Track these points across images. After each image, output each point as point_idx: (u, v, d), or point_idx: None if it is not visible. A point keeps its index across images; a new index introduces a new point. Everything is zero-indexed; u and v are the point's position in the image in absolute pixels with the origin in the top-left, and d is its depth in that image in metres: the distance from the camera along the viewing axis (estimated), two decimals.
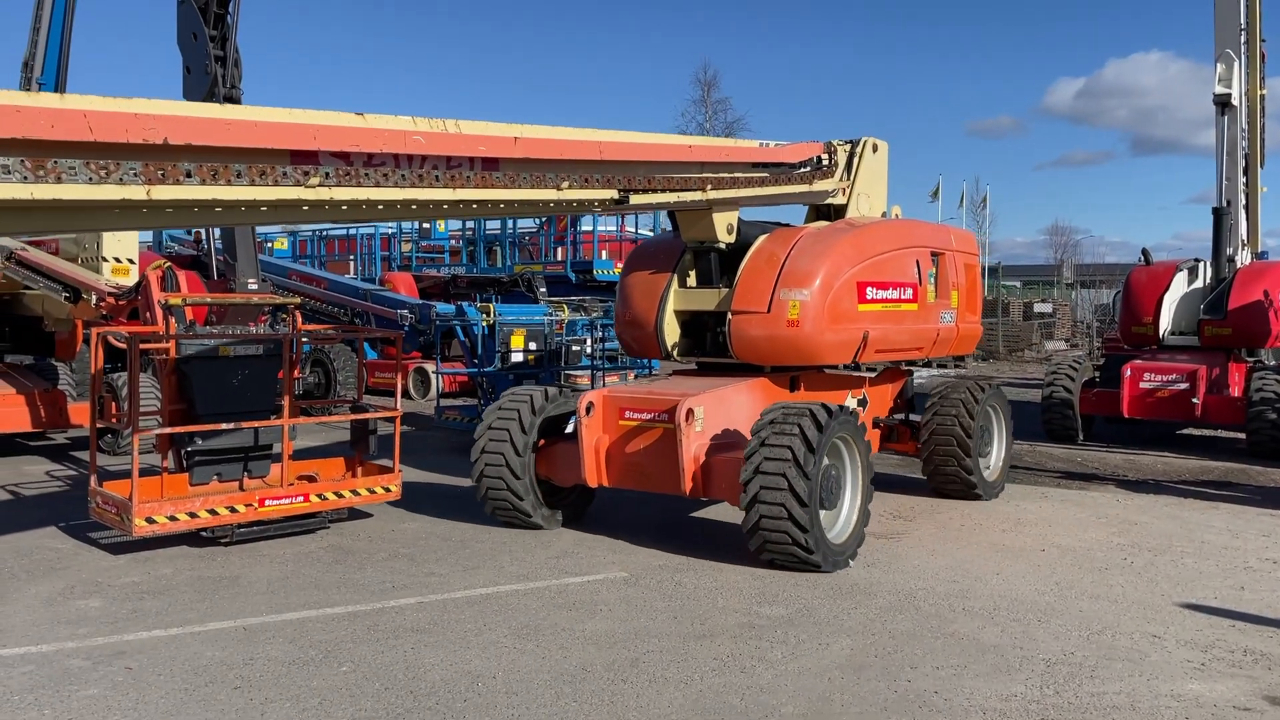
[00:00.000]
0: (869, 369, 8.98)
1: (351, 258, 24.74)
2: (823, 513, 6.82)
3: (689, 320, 8.39)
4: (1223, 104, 13.67)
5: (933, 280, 9.04)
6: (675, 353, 8.40)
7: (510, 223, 22.75)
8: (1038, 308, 37.40)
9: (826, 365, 8.34)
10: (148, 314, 8.31)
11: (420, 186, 5.31)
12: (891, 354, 8.81)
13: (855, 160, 9.12)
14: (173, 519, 6.98)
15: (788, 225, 8.63)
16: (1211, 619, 5.92)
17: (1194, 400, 12.24)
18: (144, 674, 4.90)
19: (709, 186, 7.13)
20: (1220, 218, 13.64)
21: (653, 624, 5.72)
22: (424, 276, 21.67)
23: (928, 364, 10.20)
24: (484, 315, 12.90)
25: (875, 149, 9.30)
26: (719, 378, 8.03)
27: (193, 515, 7.08)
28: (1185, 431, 14.32)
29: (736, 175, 7.49)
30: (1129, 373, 12.65)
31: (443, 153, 5.45)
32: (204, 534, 7.33)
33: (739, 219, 8.16)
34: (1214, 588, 6.59)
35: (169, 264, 9.12)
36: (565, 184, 6.05)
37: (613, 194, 6.44)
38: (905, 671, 5.03)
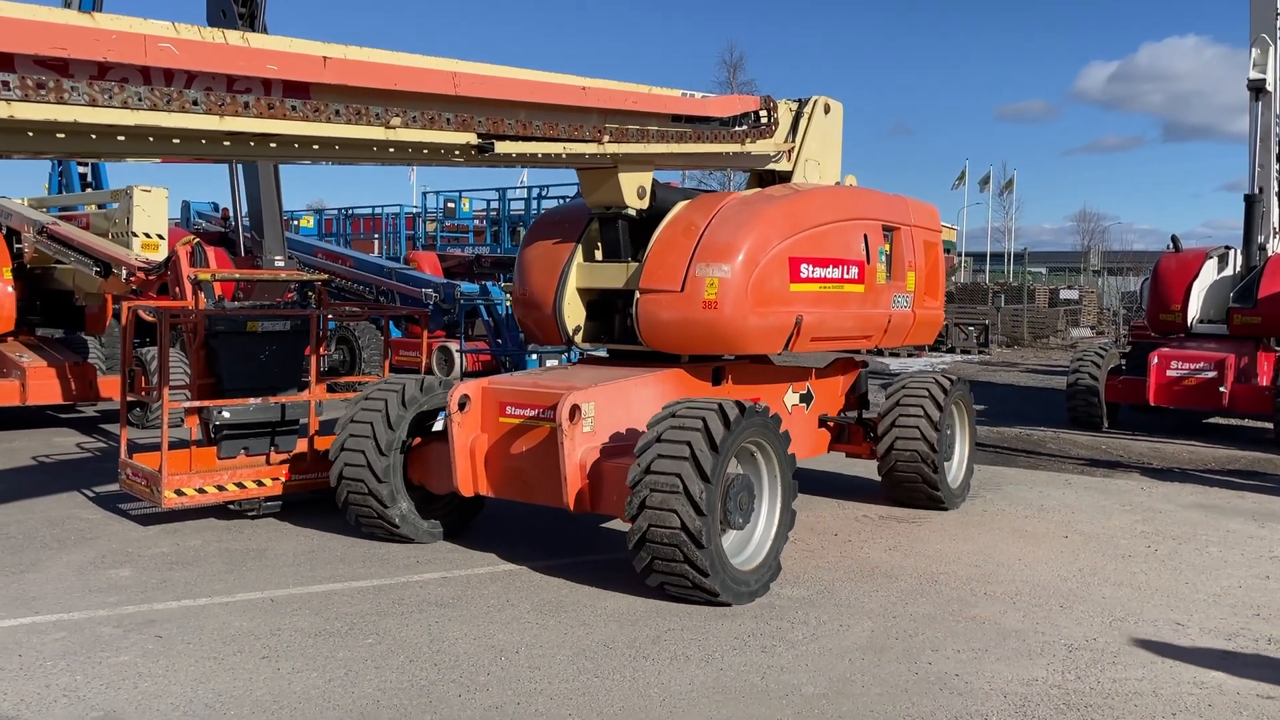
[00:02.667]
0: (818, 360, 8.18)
1: (376, 236, 24.84)
2: (732, 534, 5.86)
3: (596, 300, 7.19)
4: (1257, 90, 13.46)
5: (884, 259, 7.80)
6: (578, 338, 7.17)
7: (536, 202, 22.75)
8: (1064, 294, 37.11)
9: (751, 355, 7.29)
10: (177, 289, 8.38)
11: (165, 110, 4.19)
12: (832, 342, 7.60)
13: (803, 121, 8.04)
14: (201, 491, 7.07)
15: (714, 191, 7.50)
16: (1236, 607, 5.89)
17: (1221, 389, 12.12)
18: (173, 642, 4.98)
19: (605, 138, 6.13)
20: (1252, 205, 13.47)
21: (674, 603, 5.75)
22: (448, 256, 21.76)
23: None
24: (508, 295, 12.93)
25: (828, 110, 8.22)
26: (629, 368, 6.86)
27: (220, 488, 7.17)
28: (1212, 420, 14.19)
29: (649, 129, 6.48)
30: (1156, 360, 12.54)
31: (213, 69, 4.41)
32: (230, 507, 7.42)
33: (655, 182, 7.01)
34: (1239, 576, 6.55)
35: (198, 240, 9.19)
36: (396, 120, 5.04)
37: (470, 138, 5.42)
38: (926, 654, 5.04)
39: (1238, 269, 13.54)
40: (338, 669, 4.69)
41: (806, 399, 8.11)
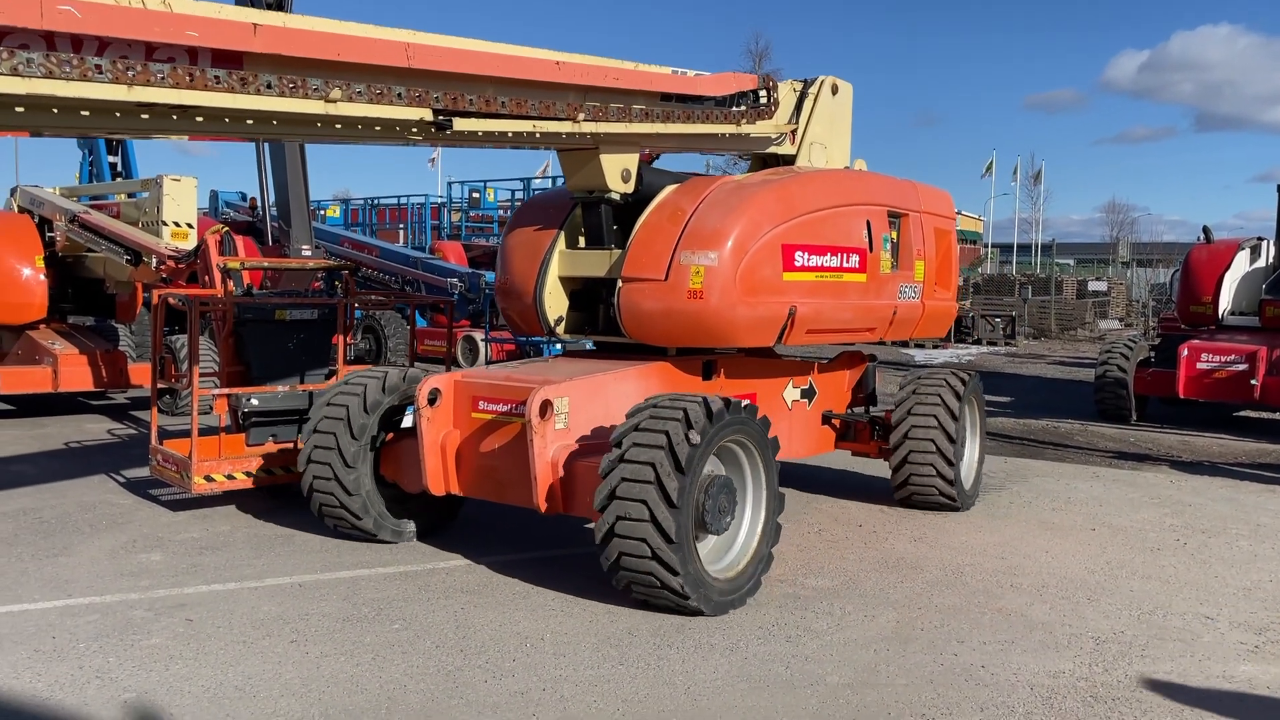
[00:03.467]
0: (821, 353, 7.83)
1: (402, 226, 24.97)
2: (711, 539, 5.51)
3: (580, 290, 6.81)
4: None
5: (889, 247, 7.38)
6: (560, 329, 6.79)
7: None
8: (1092, 286, 36.72)
9: (740, 348, 6.90)
10: (206, 277, 8.47)
11: (64, 78, 3.82)
12: (830, 334, 7.19)
13: (809, 102, 7.63)
14: (230, 477, 7.15)
15: (705, 175, 7.11)
16: (1266, 601, 5.83)
17: (1253, 382, 11.95)
18: (204, 626, 5.05)
19: (581, 116, 5.73)
20: None
21: None
22: (473, 245, 21.84)
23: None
24: None
25: (835, 90, 7.83)
26: (612, 361, 6.53)
27: (249, 474, 7.25)
28: (1243, 414, 14.04)
29: (632, 108, 6.11)
30: (1186, 352, 12.39)
31: (125, 35, 4.05)
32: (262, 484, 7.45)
33: (642, 164, 6.66)
34: (1269, 570, 6.48)
35: (227, 228, 9.28)
36: (336, 93, 4.63)
37: (425, 114, 5.02)
38: (951, 645, 5.02)
39: (1270, 260, 13.35)
40: (365, 654, 4.74)
41: (808, 394, 7.76)
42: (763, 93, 7.14)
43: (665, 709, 4.22)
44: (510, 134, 5.55)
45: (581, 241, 6.85)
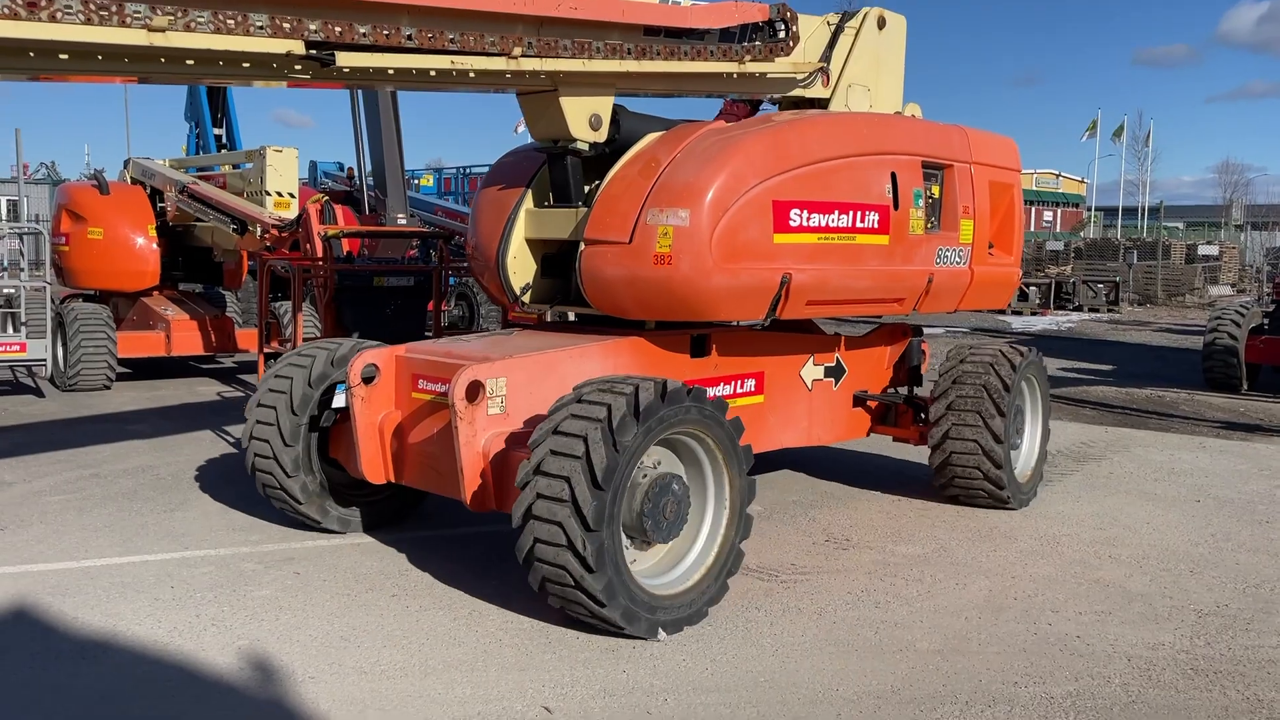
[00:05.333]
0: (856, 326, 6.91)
1: None
2: (659, 549, 4.86)
3: (554, 254, 5.99)
4: None
5: (921, 203, 6.33)
6: (526, 298, 6.02)
7: None
8: (1202, 250, 35.17)
9: (722, 321, 6.02)
10: (308, 245, 8.74)
11: None
12: (840, 307, 6.24)
13: (848, 38, 6.66)
14: None
15: (694, 121, 6.06)
16: None
17: None
18: (310, 579, 5.27)
19: (517, 51, 4.91)
20: None
21: (786, 557, 5.79)
22: None
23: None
24: None
25: (883, 24, 6.85)
26: (578, 335, 5.79)
27: None
28: None
29: (595, 43, 5.27)
30: None
31: None
32: None
33: (621, 110, 5.84)
34: None
35: (327, 198, 9.55)
36: (162, 20, 3.87)
37: (294, 46, 4.29)
38: (1046, 615, 4.96)
39: None
40: (463, 609, 4.89)
41: (835, 373, 6.90)
42: (779, 25, 6.19)
43: (753, 669, 4.27)
44: (433, 72, 4.83)
45: (551, 199, 6.04)
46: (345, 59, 4.51)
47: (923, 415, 7.00)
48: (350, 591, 5.10)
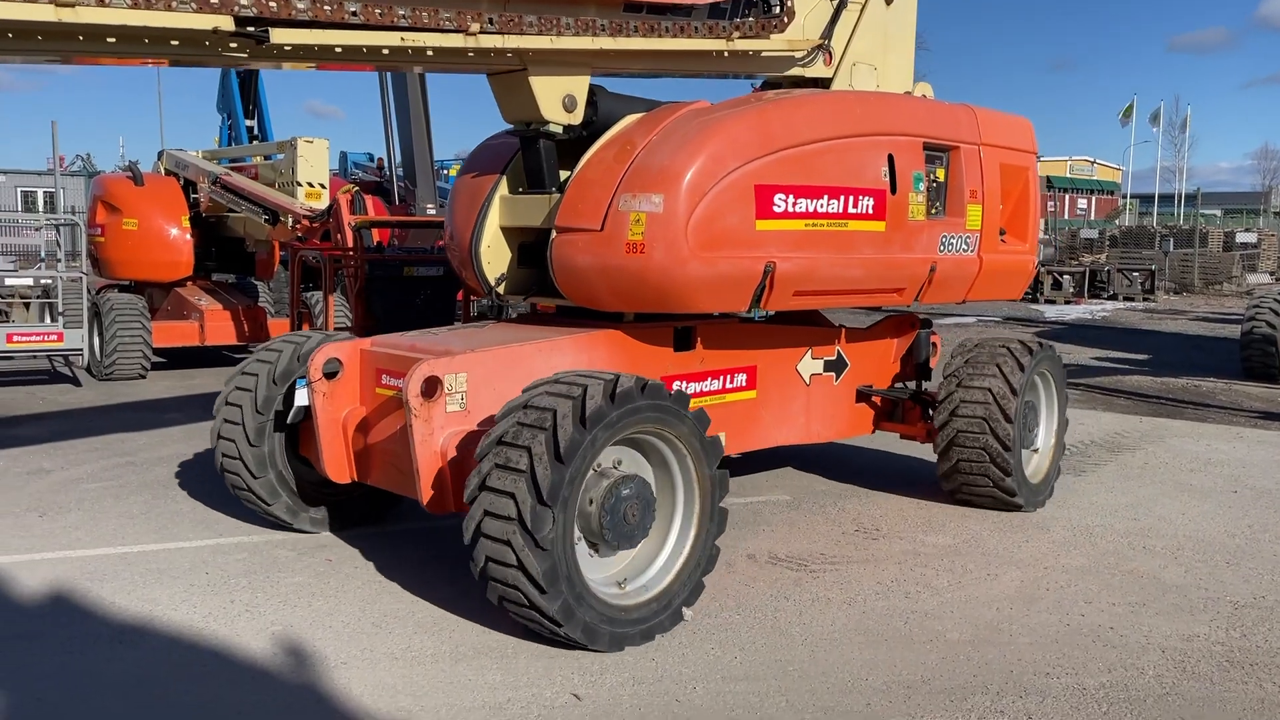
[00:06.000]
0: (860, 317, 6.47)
1: None
2: (622, 555, 4.56)
3: (532, 243, 5.67)
4: None
5: (922, 187, 5.99)
6: (502, 289, 5.76)
7: None
8: (1240, 238, 34.62)
9: (702, 314, 5.65)
10: (338, 235, 8.80)
11: None
12: (831, 297, 5.94)
13: (851, 13, 6.29)
14: None
15: (677, 103, 5.66)
16: None
17: None
18: (342, 566, 5.33)
19: (475, 27, 4.68)
20: None
21: (815, 546, 5.77)
22: None
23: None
24: None
25: None
26: (553, 328, 5.50)
27: None
28: None
29: (582, 19, 5.02)
30: None
31: None
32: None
33: (600, 91, 5.57)
34: None
35: (357, 188, 9.60)
36: None
37: (222, 22, 4.10)
38: (1079, 605, 4.91)
39: None
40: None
41: (835, 366, 6.60)
42: (773, 0, 5.89)
43: (783, 658, 4.27)
44: (375, 50, 4.60)
45: (526, 186, 5.76)
46: (282, 36, 4.30)
47: (931, 412, 6.66)
48: (382, 579, 5.15)
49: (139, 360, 11.26)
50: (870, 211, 5.68)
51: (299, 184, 10.98)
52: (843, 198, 5.54)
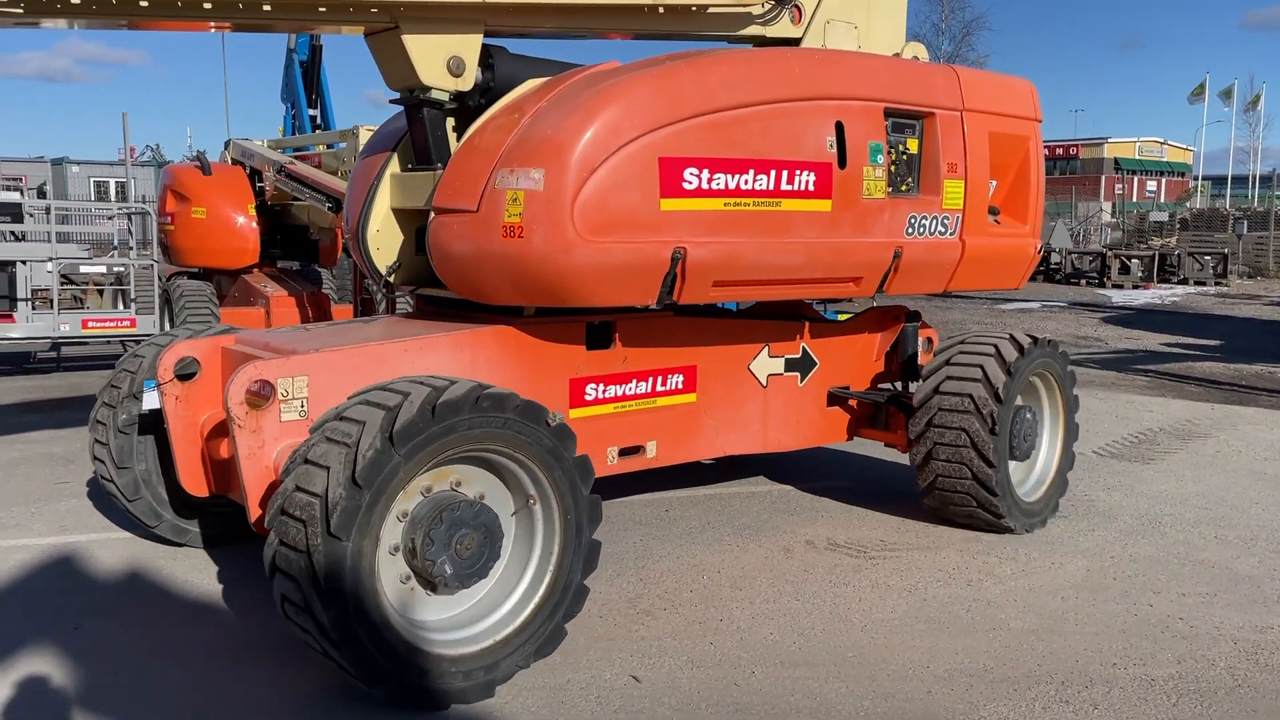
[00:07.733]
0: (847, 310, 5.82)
1: None
2: (467, 593, 3.82)
3: (423, 227, 4.87)
4: None
5: (882, 159, 5.17)
6: (393, 277, 5.11)
7: None
8: None
9: (601, 308, 4.80)
10: None
11: None
12: (761, 288, 5.08)
13: None
14: None
15: (585, 66, 4.89)
16: None
17: None
18: None
19: None
20: None
21: (875, 533, 5.73)
22: None
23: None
24: None
25: None
26: (434, 324, 4.83)
27: None
28: None
29: None
30: None
31: None
32: None
33: (498, 52, 4.92)
34: None
35: None
36: None
37: None
38: (1146, 596, 4.81)
39: None
40: None
41: (799, 366, 5.83)
42: None
43: (842, 644, 4.25)
44: (195, 4, 3.99)
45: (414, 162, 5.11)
46: None
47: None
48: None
49: None
50: (811, 188, 4.89)
51: None
52: (773, 173, 4.74)
